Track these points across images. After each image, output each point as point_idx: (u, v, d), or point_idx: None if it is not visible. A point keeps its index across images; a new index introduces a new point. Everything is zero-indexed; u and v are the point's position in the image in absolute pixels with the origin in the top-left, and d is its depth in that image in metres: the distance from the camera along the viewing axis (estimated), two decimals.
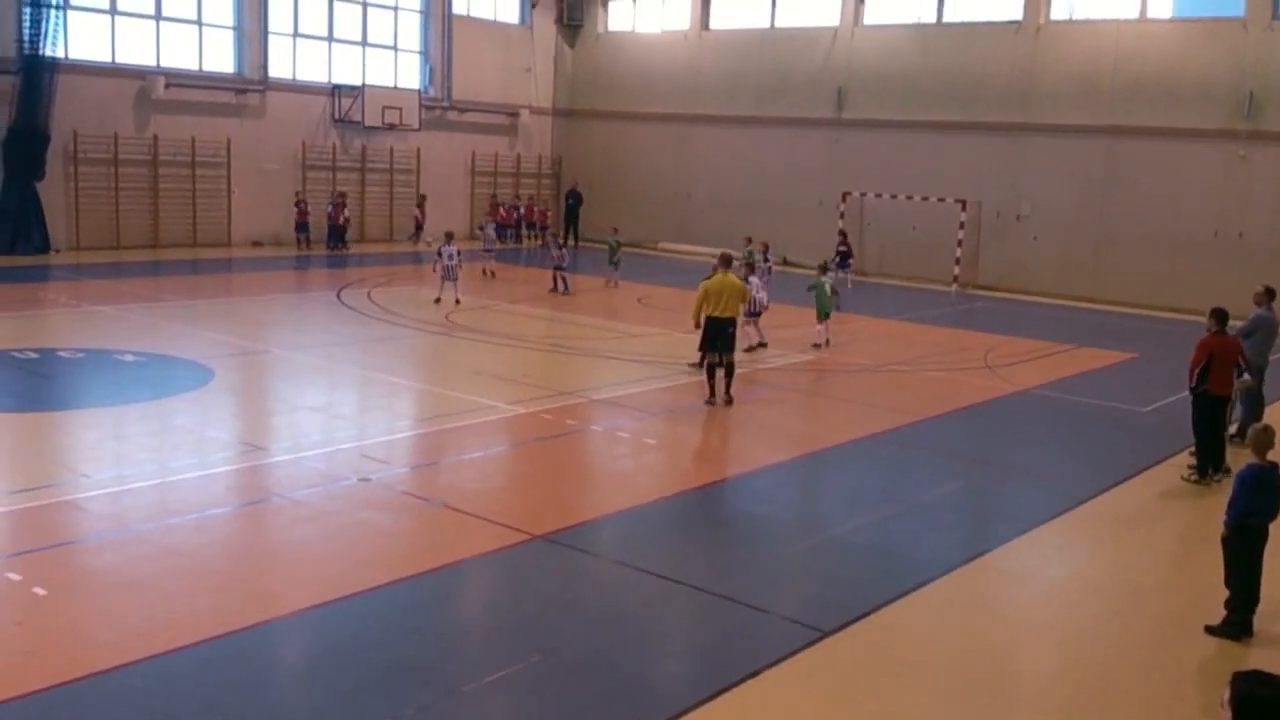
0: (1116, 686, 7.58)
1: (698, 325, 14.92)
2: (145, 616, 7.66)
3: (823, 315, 19.50)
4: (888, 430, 14.17)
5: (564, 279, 24.52)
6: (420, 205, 33.58)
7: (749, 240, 25.84)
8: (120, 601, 7.90)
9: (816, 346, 19.38)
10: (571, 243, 36.42)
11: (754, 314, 18.15)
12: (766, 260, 24.91)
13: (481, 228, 29.73)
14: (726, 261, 15.28)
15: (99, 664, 6.91)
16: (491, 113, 36.91)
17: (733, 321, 14.85)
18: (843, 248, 28.68)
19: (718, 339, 14.74)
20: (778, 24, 34.47)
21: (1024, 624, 8.66)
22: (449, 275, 21.50)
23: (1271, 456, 8.42)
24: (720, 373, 14.82)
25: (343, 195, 31.90)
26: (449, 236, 22.22)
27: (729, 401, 14.80)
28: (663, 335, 20.06)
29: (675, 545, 9.86)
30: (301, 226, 31.04)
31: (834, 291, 20.53)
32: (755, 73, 34.39)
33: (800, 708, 6.99)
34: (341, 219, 31.31)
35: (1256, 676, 3.84)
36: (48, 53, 25.79)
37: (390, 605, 8.12)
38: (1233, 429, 13.39)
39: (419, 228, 33.00)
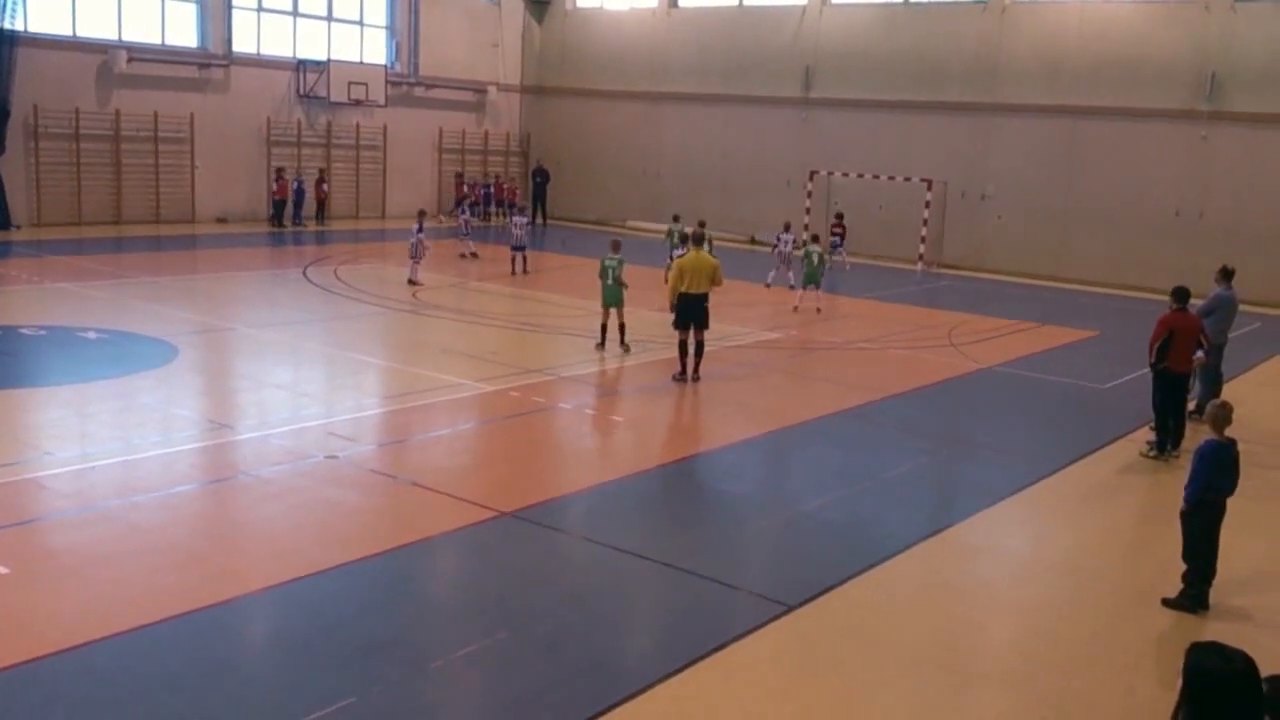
0: (1076, 658, 7.72)
1: (672, 307, 14.90)
2: (109, 594, 7.63)
3: (808, 281, 20.77)
4: (854, 407, 14.28)
5: (524, 259, 24.15)
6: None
7: (676, 218, 25.86)
8: (84, 579, 7.86)
9: (795, 309, 20.67)
10: (539, 221, 36.36)
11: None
12: (788, 238, 25.00)
13: (460, 209, 29.05)
14: (698, 239, 15.31)
15: (63, 642, 6.88)
16: (459, 89, 36.67)
17: (706, 297, 14.89)
18: (838, 230, 28.77)
19: (692, 315, 14.78)
20: (746, 2, 34.42)
21: (986, 597, 8.79)
22: (413, 254, 21.35)
23: (1230, 432, 8.57)
24: (691, 350, 14.88)
25: (321, 171, 31.93)
26: (421, 215, 22.14)
27: (696, 379, 14.86)
28: (630, 313, 20.06)
29: (643, 522, 9.92)
30: (282, 204, 30.77)
31: (820, 261, 21.35)
32: (724, 51, 34.35)
33: (765, 681, 7.07)
34: (321, 194, 31.32)
35: (1211, 648, 3.90)
36: (7, 26, 25.43)
37: (357, 582, 8.13)
38: (1191, 405, 13.59)
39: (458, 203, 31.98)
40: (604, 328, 16.51)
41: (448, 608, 8.13)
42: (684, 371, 14.89)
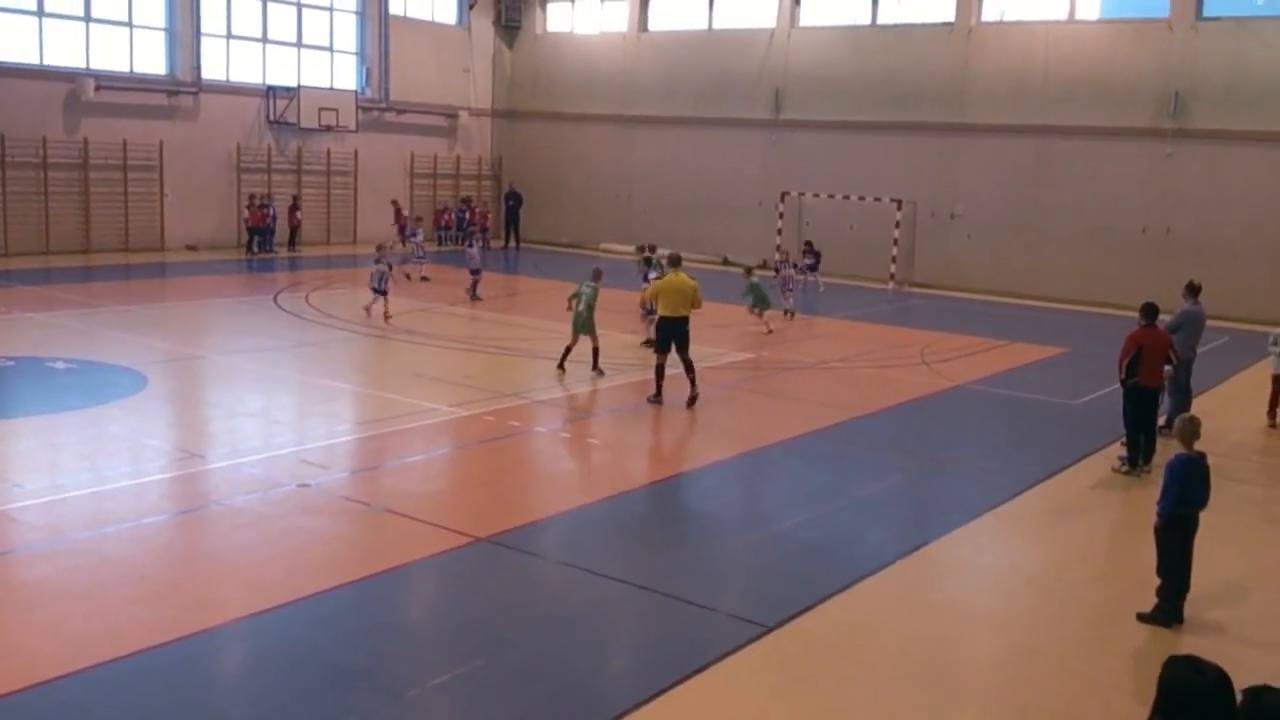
0: (1052, 674, 7.74)
1: (643, 306, 15.26)
2: (82, 627, 7.54)
3: (764, 306, 21.05)
4: (828, 426, 14.32)
5: (474, 285, 23.65)
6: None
7: (643, 249, 22.92)
8: (56, 612, 7.76)
9: (770, 332, 20.89)
10: (512, 245, 36.36)
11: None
12: (791, 266, 25.03)
13: (411, 234, 28.19)
14: (675, 261, 15.33)
15: (36, 675, 6.78)
16: (430, 114, 36.68)
17: (686, 320, 14.86)
18: (809, 256, 28.54)
19: (673, 337, 14.77)
20: (715, 26, 34.66)
21: (963, 614, 8.81)
22: (374, 284, 20.46)
23: (1199, 446, 8.64)
24: (668, 373, 14.85)
25: (295, 198, 31.94)
26: (379, 249, 21.39)
27: (694, 398, 14.79)
28: (603, 336, 20.06)
29: (620, 545, 9.89)
30: (260, 230, 30.61)
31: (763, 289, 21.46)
32: (694, 74, 34.55)
33: (745, 702, 7.05)
34: (294, 221, 31.35)
35: (1187, 662, 3.92)
36: None
37: (332, 611, 8.06)
38: (1161, 420, 13.71)
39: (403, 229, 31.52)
40: (567, 350, 16.45)
41: (424, 635, 8.07)
42: (659, 394, 14.88)
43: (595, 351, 16.46)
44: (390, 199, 34.50)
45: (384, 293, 20.31)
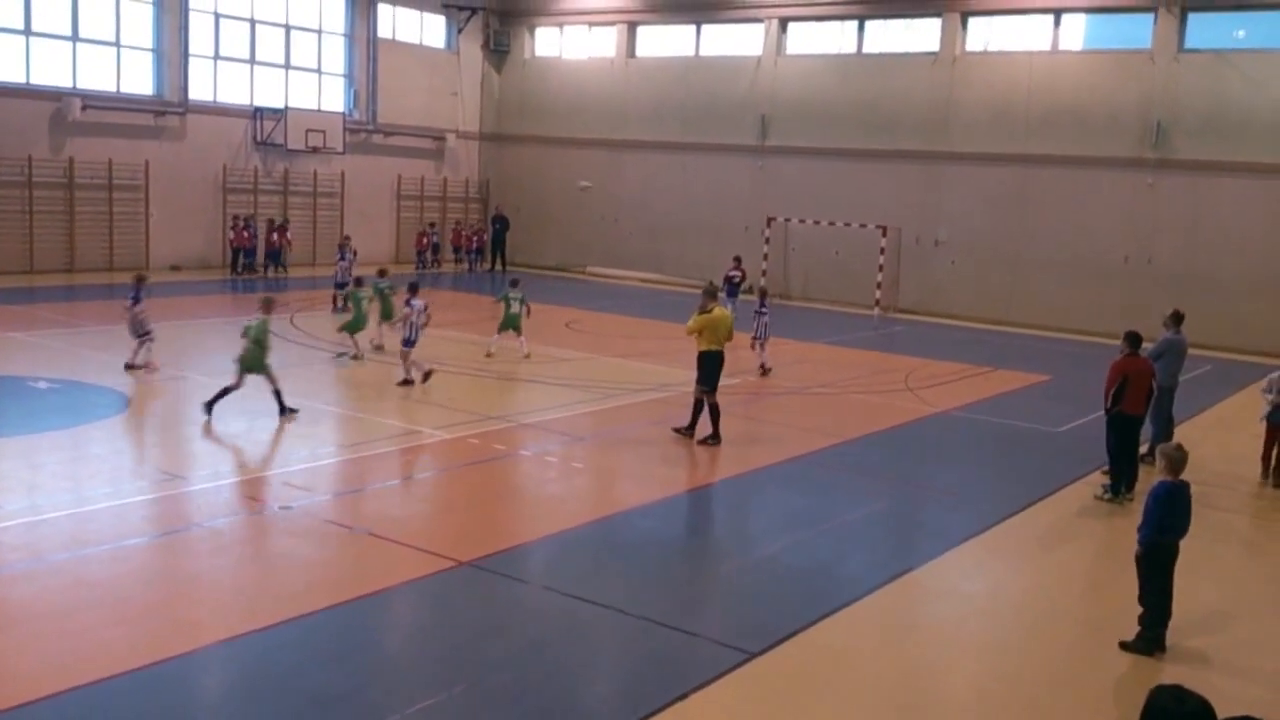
0: (1035, 701, 7.74)
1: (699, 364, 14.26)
2: (60, 649, 7.47)
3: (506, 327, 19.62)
4: (812, 452, 14.34)
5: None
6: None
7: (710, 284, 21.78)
8: (34, 634, 7.69)
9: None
10: (498, 268, 36.40)
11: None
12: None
13: (340, 256, 25.90)
14: (712, 294, 14.68)
15: (14, 698, 6.71)
16: (418, 136, 36.75)
17: (723, 354, 14.50)
18: (733, 273, 26.37)
19: (717, 372, 14.39)
20: (702, 52, 34.89)
21: (946, 641, 8.80)
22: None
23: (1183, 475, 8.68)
24: (706, 409, 14.33)
25: (273, 220, 31.76)
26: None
27: (719, 440, 14.26)
28: (590, 360, 20.09)
29: (603, 570, 9.85)
30: (248, 251, 30.56)
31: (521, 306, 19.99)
32: (681, 100, 34.73)
33: None
34: (283, 243, 31.20)
35: (1171, 691, 3.92)
36: None
37: (312, 635, 8.00)
38: (1144, 448, 13.76)
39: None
40: (225, 391, 14.15)
41: (405, 660, 8.02)
42: (693, 427, 14.39)
43: (276, 394, 14.26)
44: (375, 221, 34.44)
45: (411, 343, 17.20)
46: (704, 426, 14.33)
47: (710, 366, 14.27)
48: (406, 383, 16.61)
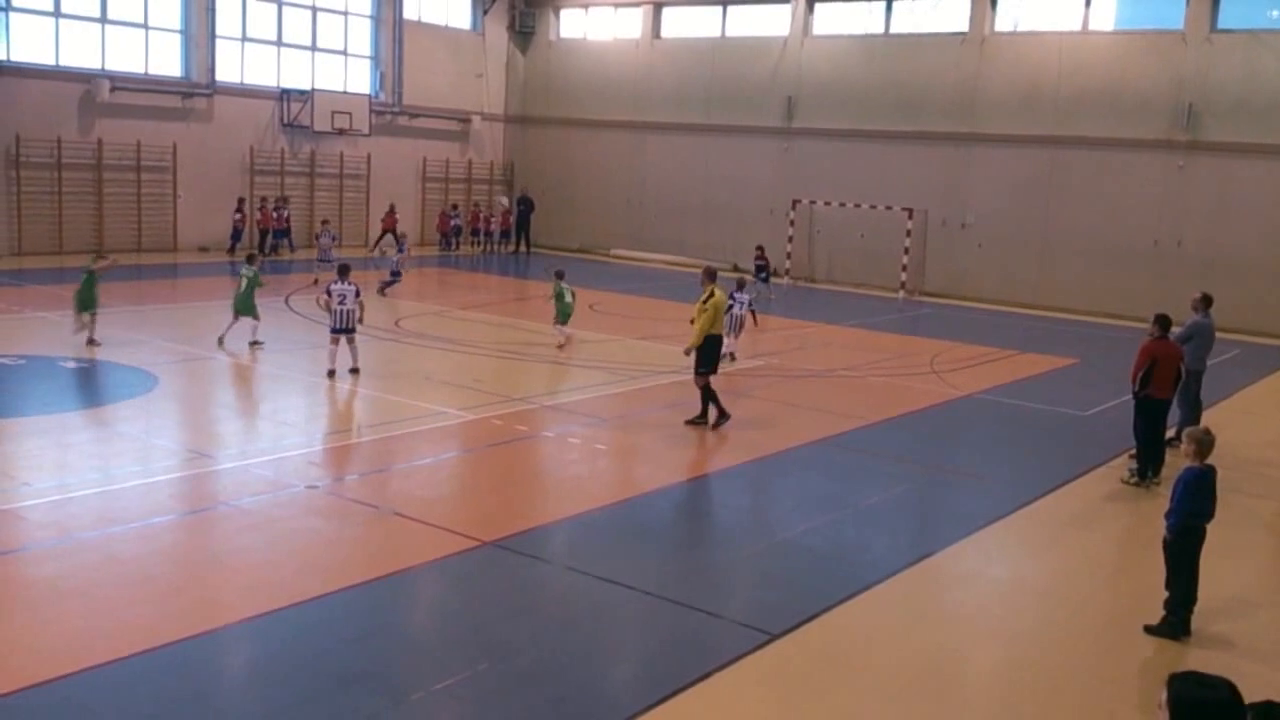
0: (1058, 686, 7.71)
1: (697, 348, 14.01)
2: (87, 626, 7.56)
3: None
4: (836, 435, 14.30)
5: (387, 286, 23.64)
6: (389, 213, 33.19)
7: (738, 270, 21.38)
8: (62, 611, 7.78)
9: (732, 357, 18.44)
10: (523, 249, 36.47)
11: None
12: (744, 298, 22.48)
13: (319, 235, 27.27)
14: (712, 275, 14.50)
15: (40, 675, 6.80)
16: (443, 118, 36.78)
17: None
18: (760, 261, 26.75)
19: (718, 356, 14.35)
20: (728, 33, 34.70)
21: (968, 625, 8.78)
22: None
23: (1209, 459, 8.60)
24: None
25: (269, 198, 31.58)
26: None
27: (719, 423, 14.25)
28: (614, 341, 20.09)
29: (625, 550, 9.88)
30: (279, 233, 30.72)
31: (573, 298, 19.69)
32: (706, 81, 34.58)
33: (749, 710, 7.04)
34: (268, 222, 31.13)
35: (1193, 677, 3.88)
36: None
37: (337, 613, 8.07)
38: (1171, 432, 13.65)
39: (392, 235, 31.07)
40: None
41: (428, 639, 8.07)
42: (705, 415, 14.24)
43: (254, 329, 17.31)
44: (401, 203, 34.52)
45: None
46: (710, 413, 14.25)
47: (712, 350, 14.16)
48: (332, 373, 15.78)
